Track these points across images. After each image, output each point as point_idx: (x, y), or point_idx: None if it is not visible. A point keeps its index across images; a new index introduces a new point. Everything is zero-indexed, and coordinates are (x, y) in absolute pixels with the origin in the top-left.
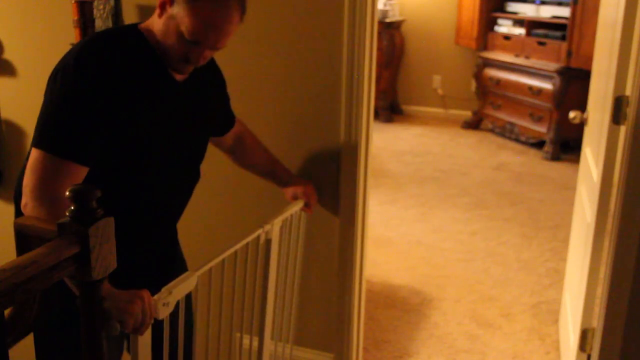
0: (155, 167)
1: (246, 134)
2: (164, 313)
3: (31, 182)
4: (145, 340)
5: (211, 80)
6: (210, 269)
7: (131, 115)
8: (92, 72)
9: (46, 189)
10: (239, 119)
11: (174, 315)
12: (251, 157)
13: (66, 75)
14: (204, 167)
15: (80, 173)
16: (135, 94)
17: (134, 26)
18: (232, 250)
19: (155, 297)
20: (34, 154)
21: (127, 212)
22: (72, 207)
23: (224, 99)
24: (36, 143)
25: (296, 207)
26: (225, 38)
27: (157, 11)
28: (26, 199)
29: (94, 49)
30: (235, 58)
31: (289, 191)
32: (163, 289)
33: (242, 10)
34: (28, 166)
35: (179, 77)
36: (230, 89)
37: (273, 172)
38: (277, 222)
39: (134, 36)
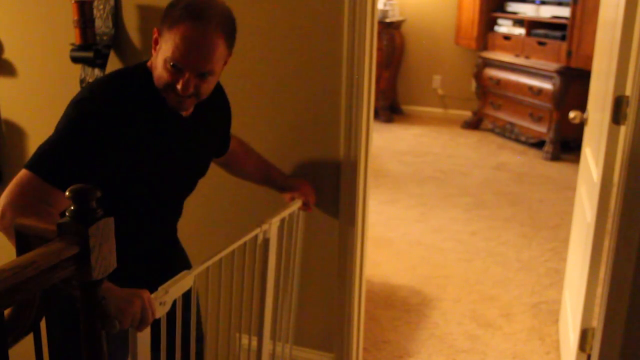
0: (156, 191)
1: (238, 146)
2: (160, 312)
3: (13, 195)
4: (144, 339)
5: (218, 109)
6: (207, 269)
7: (134, 152)
8: (98, 110)
9: (29, 201)
10: (232, 134)
11: (186, 312)
12: (244, 167)
13: (75, 109)
14: None
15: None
16: (139, 132)
17: (144, 64)
18: (229, 249)
19: (152, 295)
20: (23, 173)
21: (123, 220)
22: (72, 207)
23: (227, 126)
24: (30, 165)
25: (294, 206)
26: (208, 62)
27: (153, 47)
28: (3, 210)
29: (104, 88)
30: (235, 58)
31: (287, 194)
32: (160, 288)
33: (226, 37)
34: (14, 182)
35: (184, 112)
36: (230, 91)
37: (268, 178)
38: (275, 222)
39: (142, 75)
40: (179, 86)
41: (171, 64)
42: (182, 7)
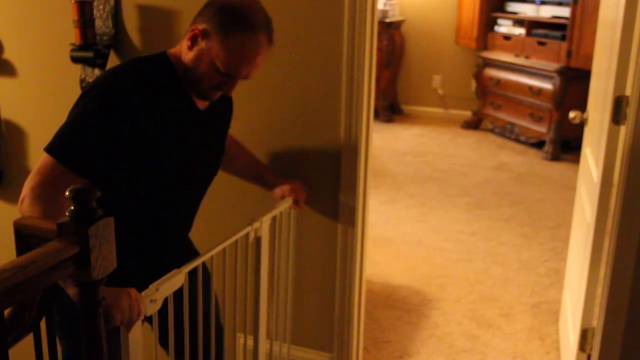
0: (172, 187)
1: (231, 142)
2: (151, 310)
3: (34, 181)
4: (136, 338)
5: (226, 105)
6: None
7: (152, 141)
8: (117, 97)
9: (47, 190)
10: None
11: (205, 304)
12: (235, 163)
13: (94, 94)
14: None
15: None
16: (156, 121)
17: (163, 54)
18: (220, 247)
19: (143, 293)
20: (45, 158)
21: (139, 222)
22: (72, 207)
23: (230, 121)
24: (49, 149)
25: (285, 204)
26: (256, 69)
27: (187, 43)
28: (24, 195)
29: (124, 75)
30: None
31: (277, 192)
32: (150, 286)
33: (270, 40)
34: (36, 167)
35: (201, 105)
36: None
37: (258, 175)
38: (267, 220)
39: (163, 65)
40: (225, 87)
41: (223, 70)
42: (236, 16)
